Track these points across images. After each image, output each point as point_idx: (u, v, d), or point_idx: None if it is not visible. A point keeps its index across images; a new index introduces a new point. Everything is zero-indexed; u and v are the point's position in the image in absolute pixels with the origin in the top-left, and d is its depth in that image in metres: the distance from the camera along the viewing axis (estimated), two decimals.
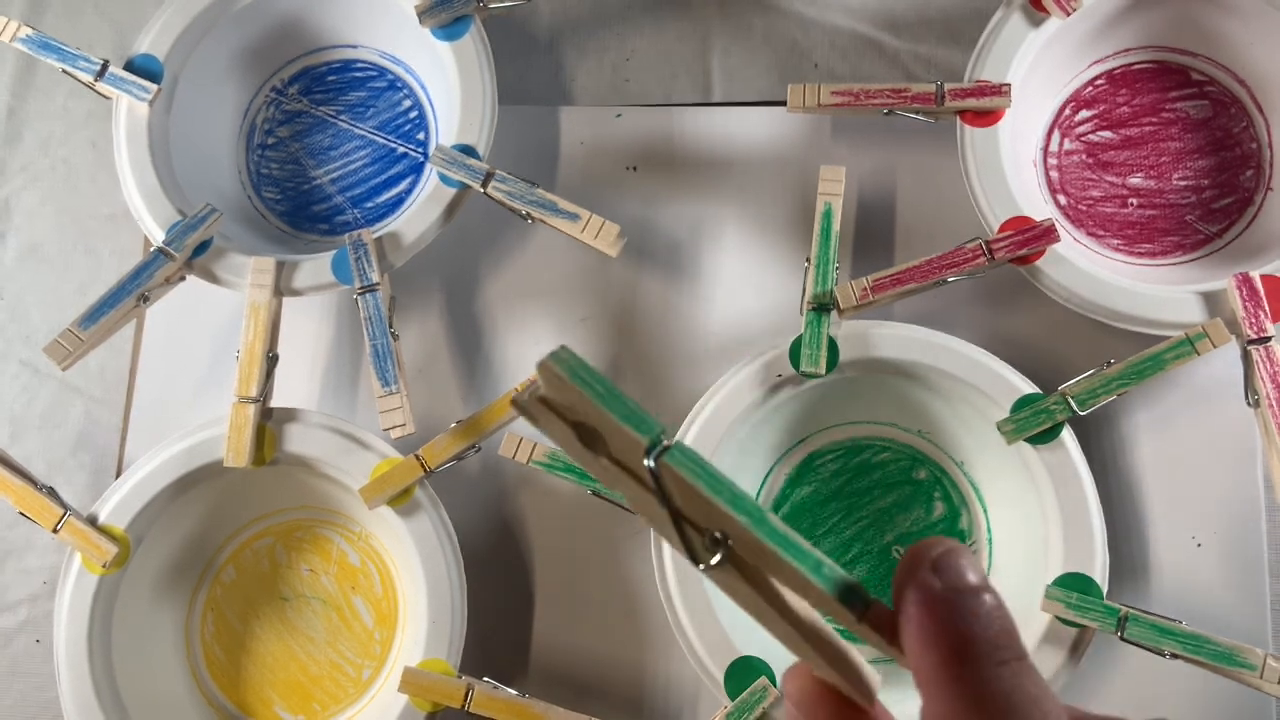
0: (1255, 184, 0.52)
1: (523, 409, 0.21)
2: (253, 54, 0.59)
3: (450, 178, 0.52)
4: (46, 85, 0.64)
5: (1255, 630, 0.49)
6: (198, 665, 0.54)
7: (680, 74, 0.59)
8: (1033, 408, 0.46)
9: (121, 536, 0.50)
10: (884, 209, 0.55)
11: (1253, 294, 0.45)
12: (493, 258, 0.58)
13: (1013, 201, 0.48)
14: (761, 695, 0.45)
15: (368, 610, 0.54)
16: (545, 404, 0.21)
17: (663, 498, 0.20)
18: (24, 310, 0.61)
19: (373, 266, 0.51)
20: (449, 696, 0.47)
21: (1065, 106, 0.54)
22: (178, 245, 0.52)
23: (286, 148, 0.60)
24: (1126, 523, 0.51)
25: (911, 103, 0.50)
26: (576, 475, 0.48)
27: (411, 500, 0.49)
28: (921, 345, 0.47)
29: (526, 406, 0.21)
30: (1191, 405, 0.51)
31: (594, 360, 0.56)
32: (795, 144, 0.57)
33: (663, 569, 0.48)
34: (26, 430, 0.60)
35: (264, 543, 0.55)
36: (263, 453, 0.50)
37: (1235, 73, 0.52)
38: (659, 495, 0.20)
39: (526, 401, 0.21)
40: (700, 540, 0.21)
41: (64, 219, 0.62)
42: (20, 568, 0.58)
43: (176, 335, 0.59)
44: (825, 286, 0.48)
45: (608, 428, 0.20)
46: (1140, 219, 0.53)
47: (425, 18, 0.54)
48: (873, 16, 0.58)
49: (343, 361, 0.58)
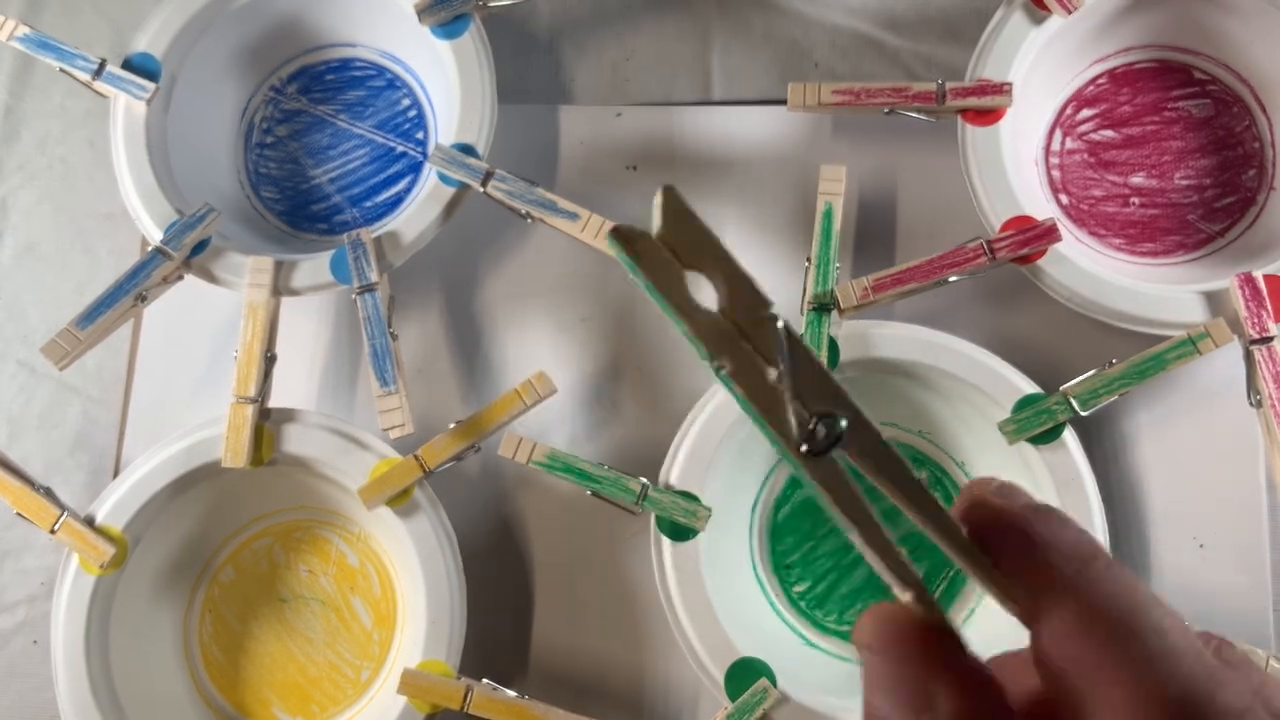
0: (1257, 183, 0.52)
1: (625, 239, 0.19)
2: (251, 52, 0.59)
3: (449, 177, 0.52)
4: (44, 84, 0.64)
5: (1258, 631, 0.49)
6: (196, 666, 0.54)
7: (680, 73, 0.59)
8: (1034, 408, 0.46)
9: (119, 537, 0.50)
10: (885, 208, 0.55)
11: (1255, 294, 0.45)
12: (492, 257, 0.58)
13: (1014, 201, 0.48)
14: (762, 697, 0.45)
15: (366, 611, 0.54)
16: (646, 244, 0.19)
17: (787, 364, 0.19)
18: (21, 310, 0.61)
19: (371, 266, 0.51)
20: (448, 698, 0.47)
21: (1067, 105, 0.54)
22: (176, 244, 0.51)
23: (285, 147, 0.60)
24: (1128, 523, 0.50)
25: (912, 102, 0.50)
26: (576, 476, 0.48)
27: (410, 501, 0.49)
28: (922, 345, 0.47)
29: (632, 237, 0.19)
30: (1194, 405, 0.51)
31: (594, 360, 0.56)
32: (796, 143, 0.57)
33: (663, 569, 0.48)
34: (24, 430, 0.60)
35: (262, 543, 0.55)
36: (261, 453, 0.50)
37: (1237, 71, 0.52)
38: (786, 359, 0.19)
39: (631, 232, 0.19)
40: (804, 425, 0.19)
41: (61, 218, 0.62)
42: (18, 568, 0.58)
43: (174, 335, 0.59)
44: (826, 286, 0.48)
45: (731, 277, 0.19)
46: (1142, 218, 0.53)
47: (424, 16, 0.53)
48: (873, 15, 0.58)
49: (341, 361, 0.58)
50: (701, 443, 0.48)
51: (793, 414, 0.19)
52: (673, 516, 0.47)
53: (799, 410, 0.19)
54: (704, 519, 0.47)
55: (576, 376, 0.56)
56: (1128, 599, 0.18)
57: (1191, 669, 0.17)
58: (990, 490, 0.20)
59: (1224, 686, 0.17)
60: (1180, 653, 0.17)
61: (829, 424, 0.19)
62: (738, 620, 0.48)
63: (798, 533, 0.52)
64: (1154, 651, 0.17)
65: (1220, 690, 0.17)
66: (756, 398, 0.19)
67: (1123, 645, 0.17)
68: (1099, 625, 0.17)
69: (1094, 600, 0.18)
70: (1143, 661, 0.17)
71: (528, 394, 0.49)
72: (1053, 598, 0.18)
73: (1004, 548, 0.19)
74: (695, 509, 0.47)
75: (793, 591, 0.52)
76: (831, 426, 0.19)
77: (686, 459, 0.48)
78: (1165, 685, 0.17)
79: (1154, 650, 0.17)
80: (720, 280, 0.19)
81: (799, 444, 0.19)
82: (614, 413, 0.55)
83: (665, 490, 0.48)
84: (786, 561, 0.52)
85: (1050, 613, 0.18)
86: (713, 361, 0.19)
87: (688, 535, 0.47)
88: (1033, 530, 0.19)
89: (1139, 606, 0.18)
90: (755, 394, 0.19)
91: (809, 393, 0.19)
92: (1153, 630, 0.17)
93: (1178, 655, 0.17)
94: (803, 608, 0.51)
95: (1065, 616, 0.18)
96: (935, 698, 0.18)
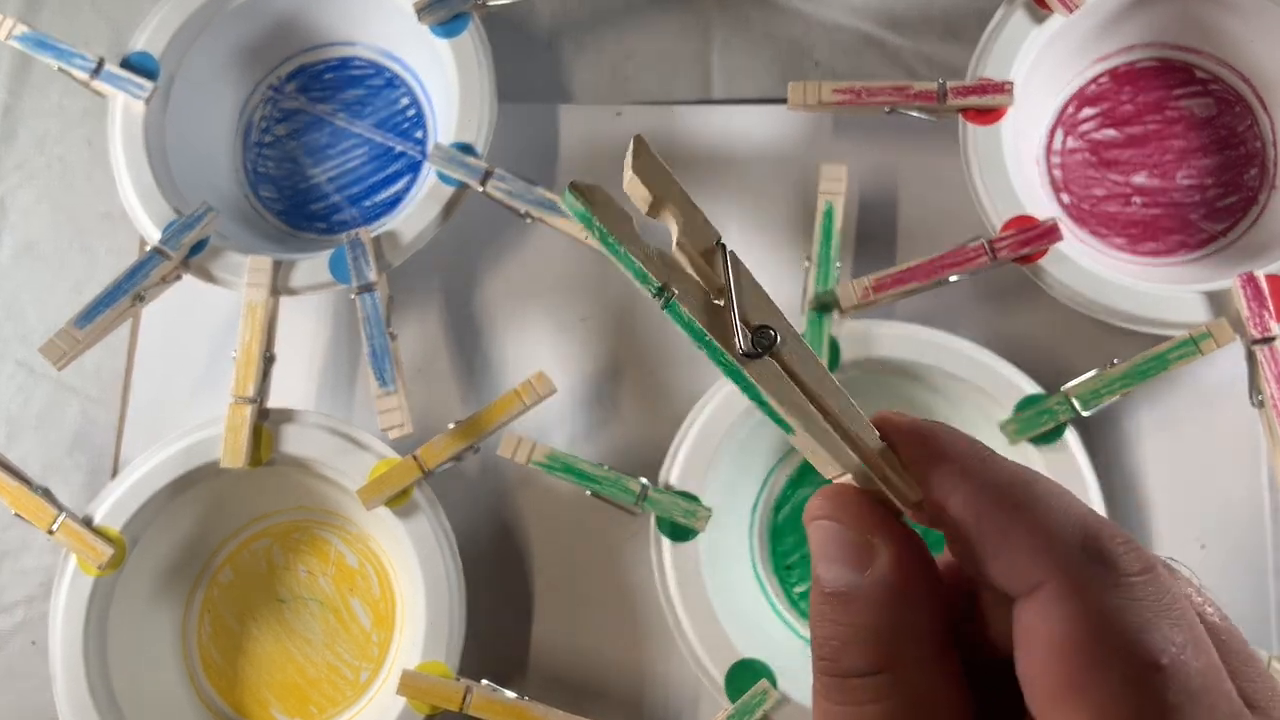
0: (1259, 182, 0.51)
1: (583, 192, 0.22)
2: (249, 51, 0.59)
3: (449, 176, 0.51)
4: (42, 83, 0.64)
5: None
6: (194, 667, 0.54)
7: (680, 72, 0.59)
8: (1036, 408, 0.46)
9: (117, 538, 0.50)
10: (885, 208, 0.55)
11: (1257, 294, 0.45)
12: (492, 257, 0.58)
13: (1015, 200, 0.48)
14: (762, 698, 0.45)
15: (365, 612, 0.54)
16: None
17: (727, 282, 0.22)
18: (19, 309, 0.61)
19: (370, 266, 0.51)
20: (447, 699, 0.46)
21: (1068, 104, 0.54)
22: (174, 244, 0.51)
23: (283, 146, 0.60)
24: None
25: (913, 101, 0.49)
26: (575, 476, 0.48)
27: (410, 501, 0.49)
28: (923, 345, 0.47)
29: (586, 191, 0.22)
30: (1195, 406, 0.51)
31: (594, 360, 0.56)
32: (796, 142, 0.57)
33: (663, 570, 0.47)
34: (22, 430, 0.59)
35: (261, 544, 0.55)
36: (260, 453, 0.50)
37: (1239, 70, 0.52)
38: (726, 277, 0.22)
39: (586, 186, 0.22)
40: (746, 334, 0.22)
41: (60, 217, 0.62)
42: (16, 569, 0.58)
43: (173, 335, 0.59)
44: (826, 286, 0.48)
45: (684, 208, 0.22)
46: (1144, 218, 0.52)
47: (424, 15, 0.53)
48: (874, 14, 0.58)
49: (340, 361, 0.58)
50: (701, 443, 0.48)
51: (735, 324, 0.22)
52: (673, 517, 0.47)
53: (741, 326, 0.22)
54: (704, 519, 0.47)
55: (576, 376, 0.56)
56: (1026, 473, 0.20)
57: (1084, 515, 0.19)
58: (892, 412, 0.22)
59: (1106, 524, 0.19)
60: (1073, 504, 0.19)
61: (764, 333, 0.22)
62: (738, 621, 0.47)
63: (798, 533, 0.52)
64: (1052, 503, 0.19)
65: (1105, 526, 0.19)
66: (702, 317, 0.22)
67: (1024, 494, 0.19)
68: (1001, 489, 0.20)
69: (997, 475, 0.20)
70: (1042, 510, 0.19)
71: (527, 394, 0.48)
72: (959, 477, 0.20)
73: (909, 452, 0.21)
74: (695, 509, 0.47)
75: (793, 592, 0.51)
76: (765, 336, 0.22)
77: (686, 459, 0.48)
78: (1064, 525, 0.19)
79: (1052, 501, 0.19)
80: (676, 215, 0.23)
81: (739, 349, 0.22)
82: (614, 413, 0.55)
83: (665, 490, 0.48)
84: (787, 562, 0.52)
85: (958, 487, 0.20)
86: (662, 292, 0.22)
87: (688, 536, 0.47)
88: (934, 435, 0.21)
89: (1035, 477, 0.20)
90: (701, 315, 0.22)
91: (750, 312, 0.22)
92: (1045, 490, 0.20)
93: (1073, 506, 0.19)
94: (804, 609, 0.51)
95: (970, 487, 0.20)
96: (876, 550, 0.21)
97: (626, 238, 0.23)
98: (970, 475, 0.20)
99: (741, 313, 0.22)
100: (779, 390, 0.22)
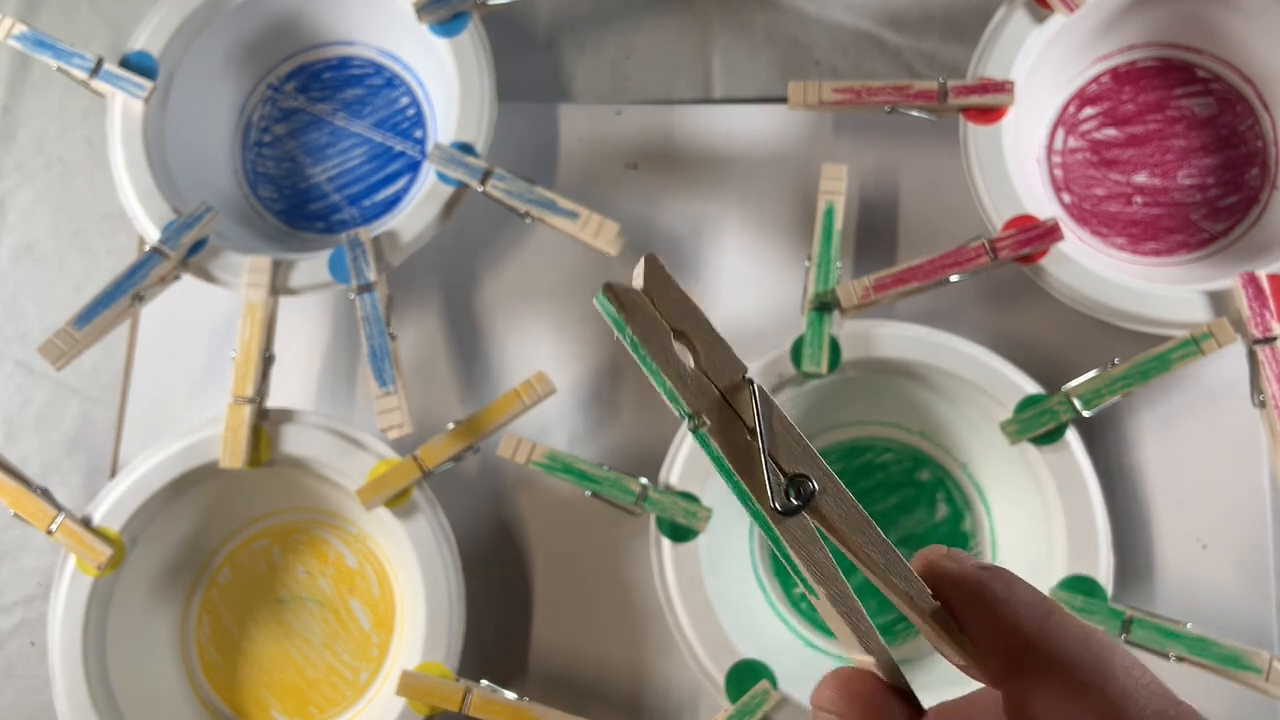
0: (1261, 182, 0.51)
1: (617, 296, 0.19)
2: (248, 51, 0.59)
3: (448, 176, 0.51)
4: (41, 82, 0.64)
5: (1261, 633, 0.48)
6: (193, 668, 0.54)
7: (680, 71, 0.59)
8: (1037, 408, 0.45)
9: (116, 539, 0.49)
10: (886, 207, 0.55)
11: (1259, 293, 0.45)
12: (491, 257, 0.58)
13: (1016, 200, 0.48)
14: (763, 698, 0.45)
15: (365, 613, 0.54)
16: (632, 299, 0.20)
17: (758, 424, 0.20)
18: (19, 309, 0.61)
19: (370, 265, 0.51)
20: (447, 699, 0.46)
21: (1069, 104, 0.54)
22: (173, 244, 0.51)
23: (283, 145, 0.60)
24: (1131, 524, 0.50)
25: (914, 100, 0.49)
26: (575, 476, 0.48)
27: (409, 502, 0.49)
28: (924, 345, 0.47)
29: (622, 294, 0.19)
30: (1197, 406, 0.51)
31: (593, 360, 0.56)
32: (796, 142, 0.56)
33: (663, 571, 0.47)
34: (21, 431, 0.59)
35: (260, 544, 0.55)
36: (259, 454, 0.50)
37: (1241, 70, 0.52)
38: (757, 418, 0.20)
39: (622, 289, 0.20)
40: (780, 483, 0.20)
41: (59, 217, 0.62)
42: (15, 569, 0.58)
43: (172, 335, 0.59)
44: (827, 286, 0.48)
45: (706, 338, 0.20)
46: (1145, 217, 0.52)
47: (423, 14, 0.53)
48: (874, 13, 0.58)
49: (340, 362, 0.58)
50: None
51: (767, 474, 0.20)
52: (673, 517, 0.47)
53: (773, 470, 0.20)
54: (704, 520, 0.47)
55: (576, 376, 0.55)
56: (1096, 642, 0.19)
57: (1160, 704, 0.18)
58: (941, 555, 0.21)
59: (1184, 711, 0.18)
60: (1148, 686, 0.18)
61: (801, 485, 0.20)
62: (738, 622, 0.47)
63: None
64: (1125, 689, 0.18)
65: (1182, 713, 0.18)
66: (733, 457, 0.20)
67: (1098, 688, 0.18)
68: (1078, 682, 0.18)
69: (1064, 650, 0.19)
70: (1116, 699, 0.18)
71: (527, 394, 0.48)
72: (1030, 662, 0.19)
73: (964, 609, 0.20)
74: (695, 510, 0.47)
75: (794, 593, 0.51)
76: (803, 487, 0.20)
77: (686, 459, 0.48)
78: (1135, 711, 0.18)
79: (1125, 688, 0.18)
80: (698, 344, 0.20)
81: (772, 504, 0.20)
82: (614, 413, 0.55)
83: (665, 491, 0.48)
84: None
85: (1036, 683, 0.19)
86: (692, 419, 0.20)
87: (688, 536, 0.47)
88: (989, 589, 0.20)
89: (1105, 648, 0.19)
90: (732, 453, 0.20)
91: (782, 454, 0.20)
92: (1121, 669, 0.19)
93: (1147, 689, 0.18)
94: (804, 609, 0.51)
95: (1052, 687, 0.18)
96: None
97: (660, 353, 0.20)
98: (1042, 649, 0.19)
99: (772, 455, 0.20)
100: (809, 556, 0.20)
